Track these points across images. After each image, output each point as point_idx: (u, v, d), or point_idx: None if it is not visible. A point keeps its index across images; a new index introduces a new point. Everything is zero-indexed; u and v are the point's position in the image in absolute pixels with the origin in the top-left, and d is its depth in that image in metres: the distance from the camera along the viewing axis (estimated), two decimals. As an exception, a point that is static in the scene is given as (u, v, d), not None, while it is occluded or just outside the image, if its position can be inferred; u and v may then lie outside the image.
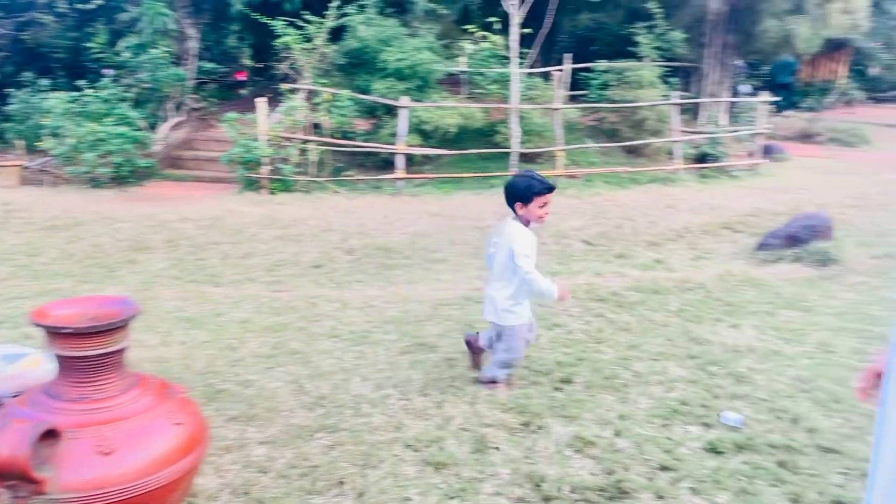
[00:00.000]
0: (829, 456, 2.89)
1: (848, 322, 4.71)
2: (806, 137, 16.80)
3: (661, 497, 2.62)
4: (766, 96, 13.16)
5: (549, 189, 3.38)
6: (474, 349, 3.82)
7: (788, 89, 22.27)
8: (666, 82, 12.83)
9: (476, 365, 3.83)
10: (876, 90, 25.55)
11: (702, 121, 14.14)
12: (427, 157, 10.84)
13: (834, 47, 22.33)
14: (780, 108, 21.44)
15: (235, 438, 3.08)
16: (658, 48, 13.21)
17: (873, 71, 25.58)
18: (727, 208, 8.77)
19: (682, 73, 15.23)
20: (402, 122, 10.09)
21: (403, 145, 10.13)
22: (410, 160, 10.42)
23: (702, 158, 12.01)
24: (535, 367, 3.90)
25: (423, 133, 10.61)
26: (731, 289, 5.48)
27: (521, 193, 3.37)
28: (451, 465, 2.84)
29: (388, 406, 3.41)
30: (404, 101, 10.10)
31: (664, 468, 2.81)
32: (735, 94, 16.15)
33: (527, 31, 11.11)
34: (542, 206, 3.38)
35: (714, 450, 2.96)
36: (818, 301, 5.22)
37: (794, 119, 18.51)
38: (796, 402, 3.41)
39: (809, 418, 3.21)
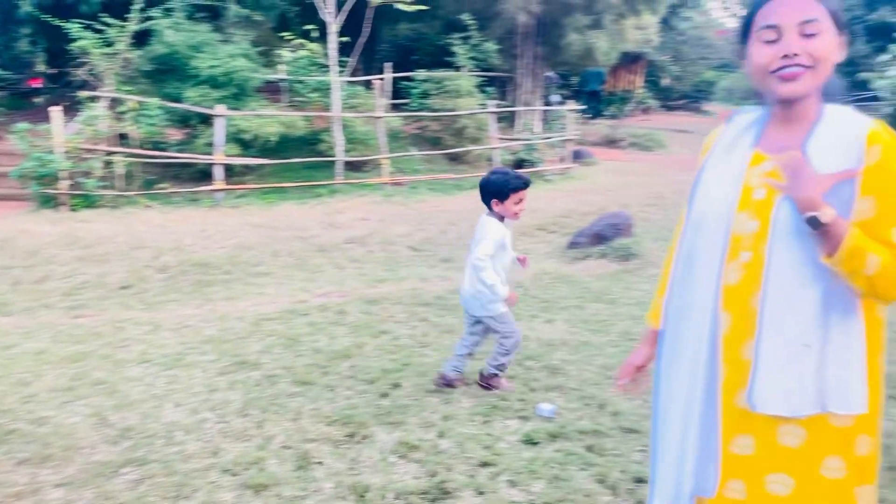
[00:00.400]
0: (630, 436, 3.13)
1: (646, 311, 5.13)
2: (611, 143, 18.24)
3: (481, 493, 2.69)
4: (573, 105, 14.13)
5: (525, 185, 3.47)
6: (453, 385, 3.70)
7: (597, 98, 24.12)
8: (483, 91, 13.37)
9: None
10: (668, 99, 28.37)
11: (518, 128, 14.90)
12: (248, 168, 10.47)
13: (631, 60, 24.53)
14: (591, 115, 23.19)
15: (27, 483, 2.76)
16: (474, 58, 13.75)
17: (665, 81, 28.38)
18: (542, 210, 9.28)
19: (498, 83, 15.96)
20: (219, 132, 9.67)
21: (221, 155, 9.71)
22: (230, 171, 10.01)
23: (519, 164, 12.63)
24: (361, 377, 3.87)
25: (243, 142, 10.24)
26: (546, 286, 5.80)
27: (497, 190, 3.43)
28: (271, 486, 2.74)
29: (204, 431, 3.23)
30: (220, 109, 9.69)
31: (484, 464, 2.89)
32: (548, 102, 17.21)
33: (345, 39, 11.10)
34: (517, 203, 3.46)
35: (530, 441, 3.09)
36: (621, 293, 5.67)
37: (601, 126, 20.08)
38: (602, 389, 3.66)
39: (614, 402, 3.46)
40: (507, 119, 15.43)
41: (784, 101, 1.48)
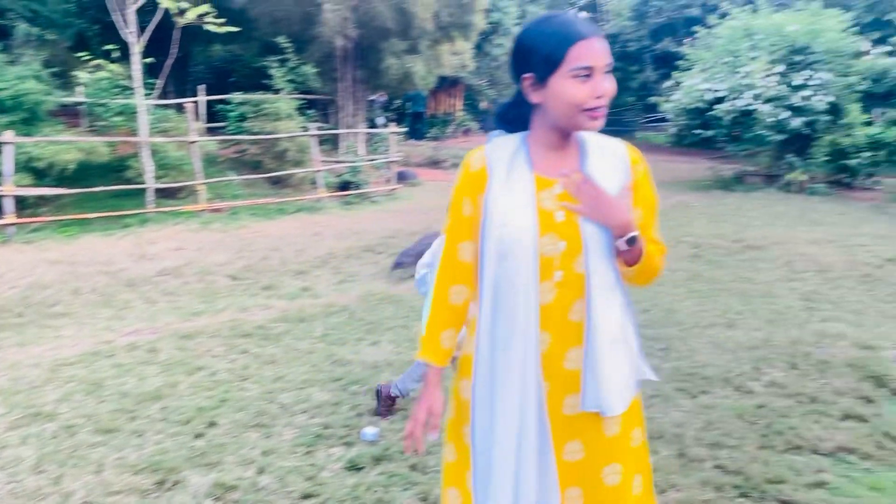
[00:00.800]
0: (453, 450, 3.18)
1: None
2: (434, 163, 18.72)
3: (303, 527, 2.60)
4: (395, 127, 14.36)
5: None
6: (388, 401, 3.64)
7: (420, 120, 24.70)
8: (304, 114, 13.21)
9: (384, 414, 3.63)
10: (486, 121, 29.65)
11: (342, 151, 14.86)
12: (43, 199, 9.52)
13: (450, 84, 25.40)
14: (414, 137, 23.67)
15: None
16: (292, 81, 13.57)
17: (483, 104, 29.67)
18: (369, 232, 9.31)
19: (320, 106, 15.87)
20: (7, 160, 8.72)
21: (11, 186, 8.75)
22: (22, 203, 9.05)
23: (344, 186, 12.61)
24: (174, 418, 3.62)
25: (36, 171, 9.32)
26: (372, 308, 5.79)
27: None
28: (67, 551, 2.47)
29: (-14, 497, 2.85)
30: (8, 135, 8.75)
31: (306, 496, 2.81)
32: (374, 125, 17.34)
33: (150, 60, 10.48)
34: None
35: (354, 467, 3.05)
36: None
37: (424, 147, 20.56)
38: (426, 406, 3.69)
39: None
40: (330, 142, 15.35)
41: (574, 132, 1.62)
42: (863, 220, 10.62)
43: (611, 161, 1.63)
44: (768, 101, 13.97)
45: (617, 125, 31.17)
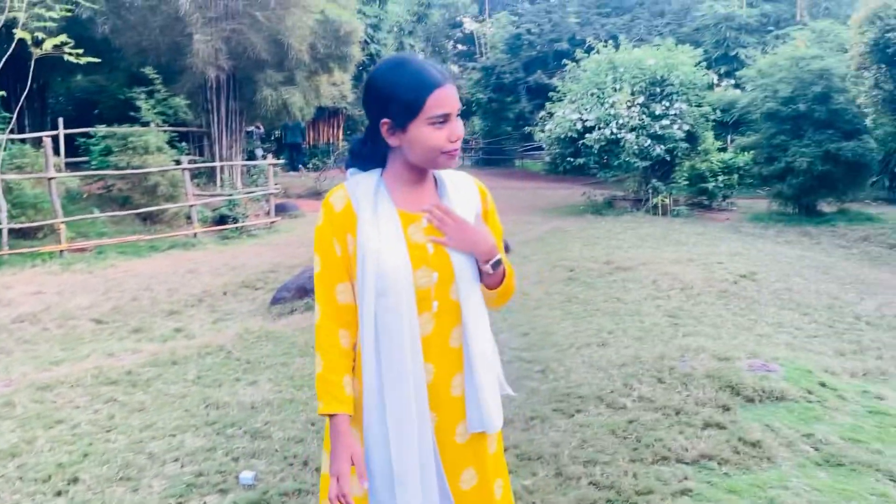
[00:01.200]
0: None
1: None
2: (316, 195, 18.48)
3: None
4: (273, 159, 14.10)
5: (508, 248, 3.35)
6: None
7: (298, 151, 24.40)
8: (175, 147, 12.72)
9: None
10: (340, 158, 29.66)
11: (218, 184, 14.41)
12: None
13: (330, 114, 25.32)
14: (294, 168, 23.32)
15: None
16: (162, 113, 13.07)
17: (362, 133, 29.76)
18: (247, 267, 9.04)
19: (194, 138, 15.34)
20: None
21: None
22: None
23: (221, 220, 12.21)
24: (31, 476, 3.35)
25: None
26: (250, 346, 5.61)
27: None
28: None
29: None
30: None
31: (176, 552, 2.66)
32: (252, 156, 16.93)
33: (1, 94, 9.78)
34: None
35: (230, 515, 2.92)
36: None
37: (305, 178, 20.30)
38: (306, 445, 3.61)
39: (315, 457, 3.43)
40: (206, 175, 14.86)
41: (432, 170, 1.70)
42: (720, 239, 11.45)
43: (464, 194, 1.73)
44: (632, 130, 14.86)
45: (496, 154, 32.18)
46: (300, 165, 23.50)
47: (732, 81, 18.88)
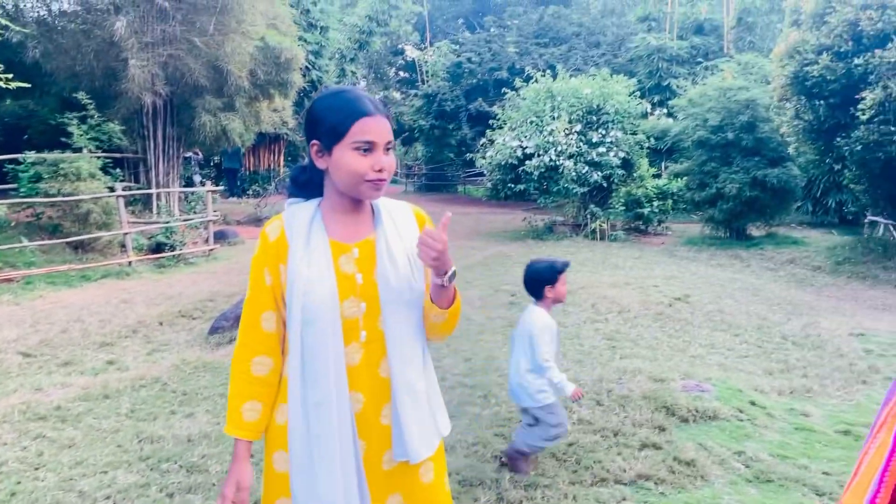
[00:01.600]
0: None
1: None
2: (256, 221, 18.24)
3: None
4: (211, 185, 13.87)
5: (567, 265, 3.58)
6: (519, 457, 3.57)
7: (236, 176, 24.08)
8: (109, 174, 12.38)
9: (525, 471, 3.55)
10: (281, 185, 29.43)
11: (154, 211, 14.07)
12: None
13: (271, 140, 25.11)
14: (232, 194, 22.98)
15: None
16: (95, 139, 12.74)
17: (305, 161, 29.58)
18: (184, 296, 8.82)
19: (129, 164, 14.96)
20: None
21: None
22: None
23: (157, 248, 11.90)
24: (-53, 523, 3.17)
25: None
26: (187, 377, 5.47)
27: (548, 276, 3.49)
28: None
29: None
30: None
31: None
32: (190, 183, 16.59)
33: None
34: (563, 284, 3.53)
35: (163, 554, 2.83)
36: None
37: (246, 205, 20.01)
38: (244, 478, 3.53)
39: (255, 490, 3.35)
40: (141, 202, 14.49)
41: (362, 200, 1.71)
42: (655, 262, 11.78)
43: (401, 224, 1.76)
44: (571, 157, 15.23)
45: (439, 180, 32.42)
46: (238, 192, 23.20)
47: (665, 110, 19.57)
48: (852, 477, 1.26)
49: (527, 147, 15.55)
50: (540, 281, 3.55)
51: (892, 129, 10.43)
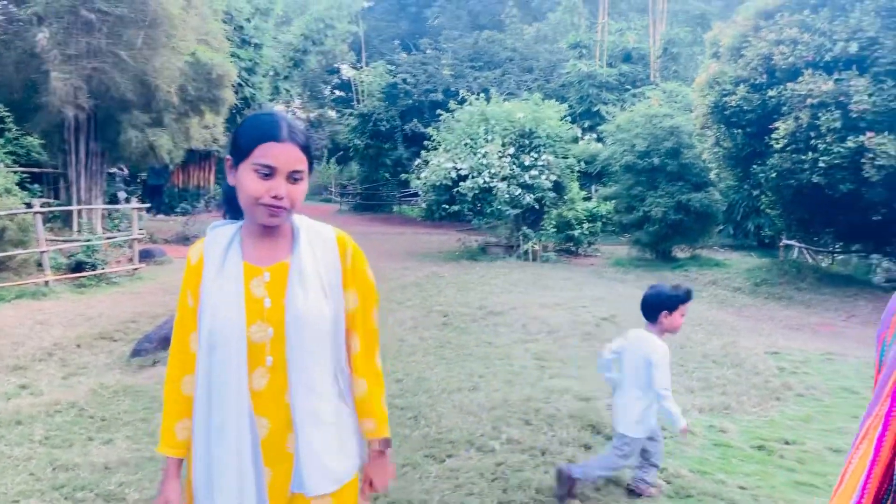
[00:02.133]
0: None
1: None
2: (184, 239, 17.77)
3: None
4: (137, 202, 13.45)
5: (691, 296, 3.48)
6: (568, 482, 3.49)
7: (160, 193, 23.45)
8: (27, 189, 11.87)
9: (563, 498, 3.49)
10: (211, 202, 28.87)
11: (75, 228, 13.54)
12: None
13: (202, 157, 24.56)
14: (158, 211, 22.34)
15: None
16: (12, 153, 12.21)
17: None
18: (105, 317, 8.50)
19: (48, 180, 14.38)
20: None
21: None
22: None
23: (78, 267, 11.43)
24: None
25: None
26: (105, 402, 5.26)
27: (669, 303, 3.39)
28: None
29: None
30: None
31: None
32: (115, 199, 16.04)
33: None
34: (682, 315, 3.44)
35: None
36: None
37: (174, 222, 19.48)
38: None
39: None
40: (62, 219, 13.92)
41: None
42: (584, 283, 12.06)
43: (320, 245, 1.74)
44: (504, 179, 15.48)
45: (374, 200, 32.36)
46: (165, 209, 22.60)
47: (595, 135, 20.13)
48: (837, 485, 1.38)
49: (461, 169, 15.72)
50: (659, 306, 3.43)
51: (804, 157, 11.01)
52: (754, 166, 12.51)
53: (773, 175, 11.87)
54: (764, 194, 14.21)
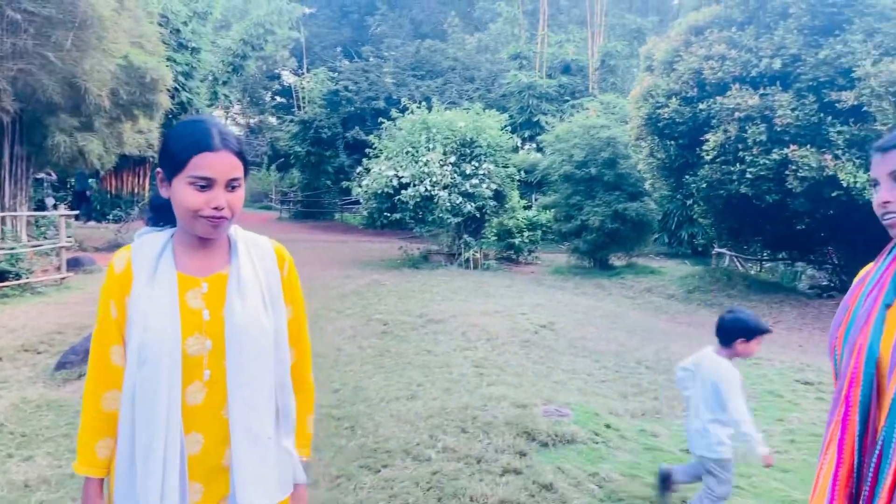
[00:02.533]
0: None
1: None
2: (116, 247, 17.19)
3: None
4: (66, 209, 12.96)
5: (768, 332, 3.43)
6: (669, 485, 3.59)
7: (86, 200, 22.67)
8: (-55, 194, 11.29)
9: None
10: (144, 210, 28.22)
11: (-1, 236, 12.95)
12: None
13: (135, 163, 23.84)
14: (88, 218, 21.59)
15: None
16: (-70, 156, 11.60)
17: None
18: (29, 328, 8.15)
19: (-32, 185, 13.71)
20: None
21: None
22: None
23: (1, 277, 10.94)
24: None
25: None
26: (27, 417, 5.04)
27: (749, 330, 3.31)
28: None
29: None
30: None
31: None
32: (43, 206, 15.41)
33: None
34: (758, 345, 3.37)
35: None
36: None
37: (104, 230, 18.85)
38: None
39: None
40: (-17, 226, 13.29)
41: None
42: (524, 291, 12.19)
43: (259, 256, 1.71)
44: (445, 187, 15.54)
45: (315, 207, 32.02)
46: (96, 216, 21.86)
47: (535, 145, 20.47)
48: (812, 490, 1.48)
49: (402, 177, 15.72)
50: (737, 333, 3.31)
51: (732, 169, 11.43)
52: (687, 177, 12.90)
53: (704, 185, 12.27)
54: (696, 204, 14.68)
